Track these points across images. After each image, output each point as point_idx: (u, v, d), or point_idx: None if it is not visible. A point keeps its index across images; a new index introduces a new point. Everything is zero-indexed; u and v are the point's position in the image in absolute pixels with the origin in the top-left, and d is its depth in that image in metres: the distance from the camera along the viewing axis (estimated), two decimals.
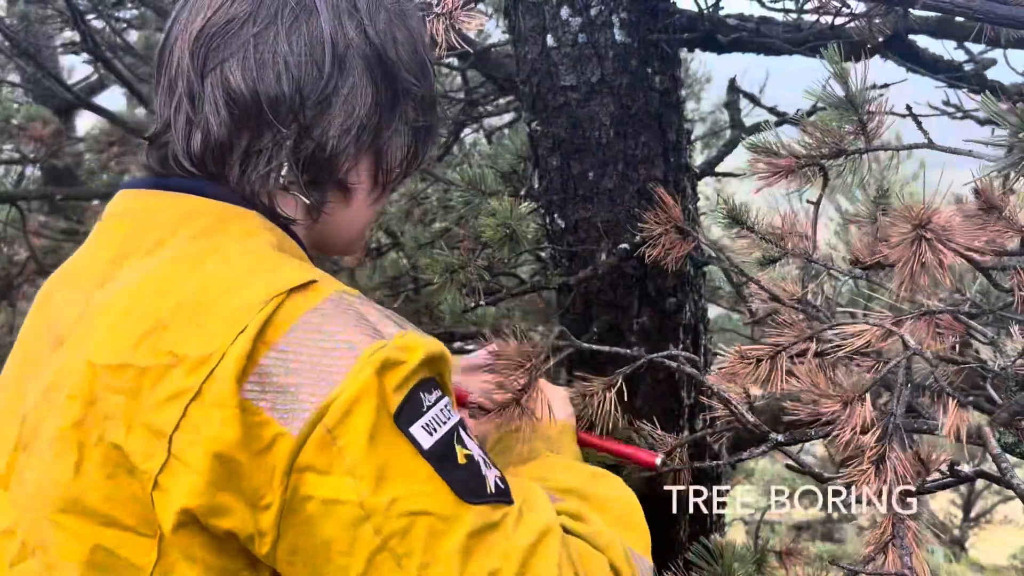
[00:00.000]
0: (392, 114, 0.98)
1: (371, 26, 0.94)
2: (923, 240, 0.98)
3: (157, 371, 0.79)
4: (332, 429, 0.76)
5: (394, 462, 0.78)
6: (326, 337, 0.80)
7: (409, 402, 0.80)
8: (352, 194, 0.99)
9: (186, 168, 0.91)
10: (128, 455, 0.78)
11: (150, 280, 0.84)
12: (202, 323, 0.80)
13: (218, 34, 0.90)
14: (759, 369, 1.22)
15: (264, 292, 0.80)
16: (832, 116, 1.23)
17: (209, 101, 0.90)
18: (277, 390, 0.77)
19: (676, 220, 1.63)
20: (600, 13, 1.63)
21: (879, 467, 1.06)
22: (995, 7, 1.01)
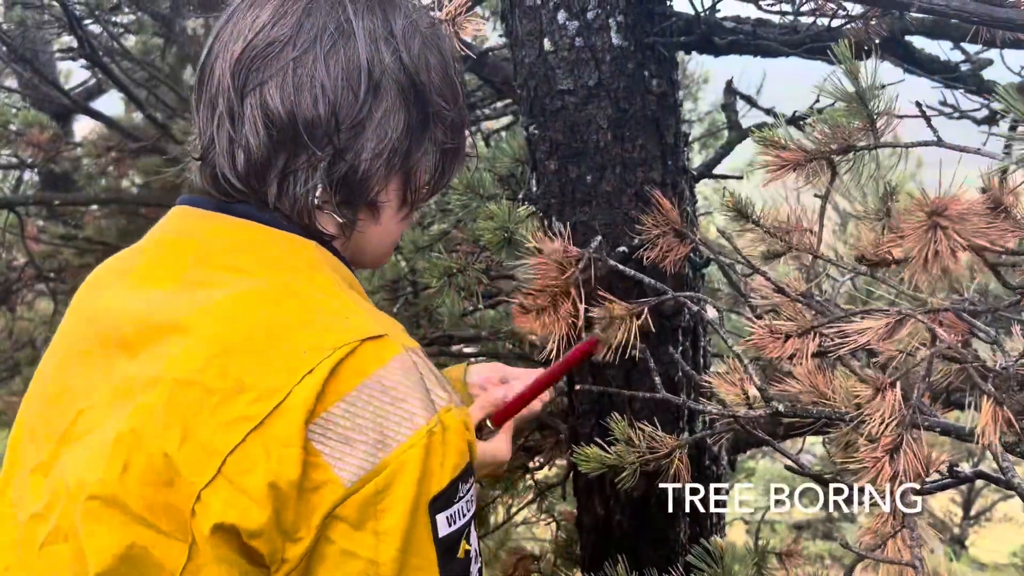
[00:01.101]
0: (422, 136, 1.01)
1: (406, 52, 0.98)
2: (938, 228, 0.98)
3: (222, 394, 0.83)
4: (381, 491, 0.82)
5: (414, 538, 0.84)
6: (392, 400, 0.84)
7: (447, 492, 0.86)
8: (381, 212, 1.02)
9: (234, 185, 0.95)
10: (176, 465, 0.82)
11: (228, 306, 0.88)
12: (270, 357, 0.84)
13: (259, 56, 0.93)
14: (787, 345, 1.22)
15: (336, 338, 0.85)
16: (841, 112, 1.23)
17: (249, 121, 0.93)
18: (339, 440, 0.82)
19: (674, 223, 1.63)
20: (597, 17, 1.63)
21: (893, 456, 1.07)
22: (992, 10, 1.01)
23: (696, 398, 1.80)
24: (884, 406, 1.10)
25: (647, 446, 1.51)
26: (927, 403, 1.23)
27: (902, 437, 1.09)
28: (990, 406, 1.04)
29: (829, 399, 1.35)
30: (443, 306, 2.30)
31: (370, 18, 0.97)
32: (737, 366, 1.43)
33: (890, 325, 1.20)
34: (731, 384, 1.46)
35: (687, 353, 1.84)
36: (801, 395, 1.38)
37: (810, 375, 1.37)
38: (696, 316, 1.83)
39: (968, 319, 1.18)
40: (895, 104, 1.24)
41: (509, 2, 1.71)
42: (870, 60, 1.22)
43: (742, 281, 1.66)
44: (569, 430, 1.95)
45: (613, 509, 1.87)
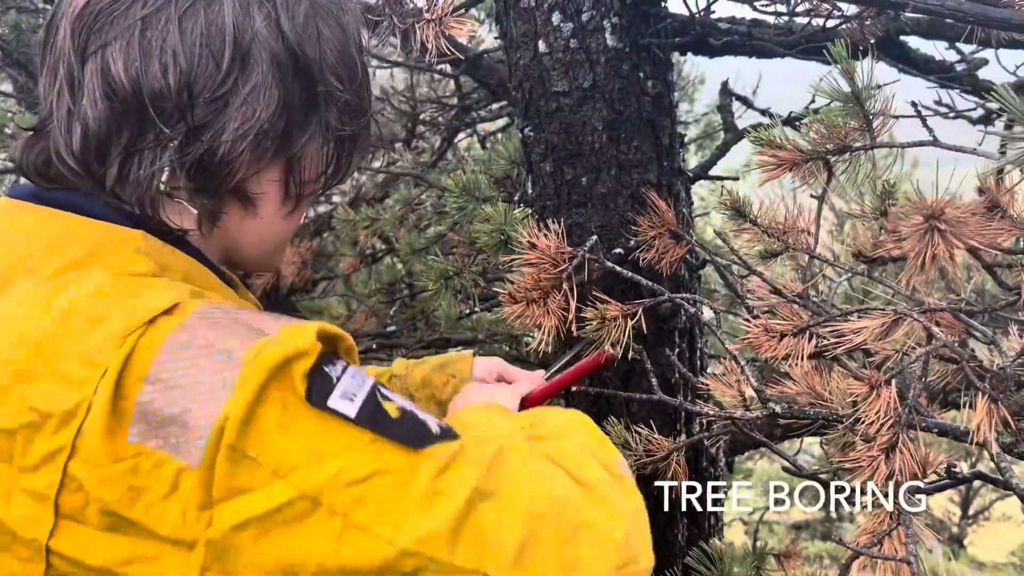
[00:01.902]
0: (307, 119, 0.87)
1: (287, 18, 0.83)
2: (935, 231, 0.98)
3: (25, 432, 0.70)
4: (235, 444, 0.68)
5: (324, 439, 0.70)
6: (199, 352, 0.71)
7: (316, 379, 0.72)
8: (257, 205, 0.88)
9: (69, 166, 0.81)
10: (9, 525, 0.71)
11: (3, 324, 0.75)
12: (61, 371, 0.71)
13: (103, 13, 0.79)
14: (782, 344, 1.22)
15: (122, 325, 0.72)
16: (837, 111, 1.23)
17: (88, 91, 0.79)
18: (163, 423, 0.69)
19: (670, 224, 1.63)
20: (591, 18, 1.63)
21: (888, 455, 1.07)
22: (987, 10, 1.01)
23: (693, 400, 1.80)
24: (879, 404, 1.10)
25: (644, 449, 1.51)
26: (924, 403, 1.23)
27: (898, 436, 1.09)
28: (985, 404, 1.04)
29: (826, 400, 1.35)
30: (440, 309, 2.30)
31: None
32: (734, 367, 1.43)
33: (886, 325, 1.20)
34: (727, 386, 1.46)
35: (684, 355, 1.84)
36: (798, 396, 1.38)
37: (807, 376, 1.37)
38: (692, 318, 1.82)
39: (965, 319, 1.17)
40: (891, 104, 1.24)
41: (504, 4, 1.70)
42: (866, 60, 1.22)
43: (738, 282, 1.66)
44: None
45: None
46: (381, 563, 0.70)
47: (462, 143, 3.71)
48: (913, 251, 1.00)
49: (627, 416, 1.72)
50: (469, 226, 2.05)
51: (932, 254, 0.98)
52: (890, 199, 1.40)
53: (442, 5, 1.51)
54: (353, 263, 3.11)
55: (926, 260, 0.99)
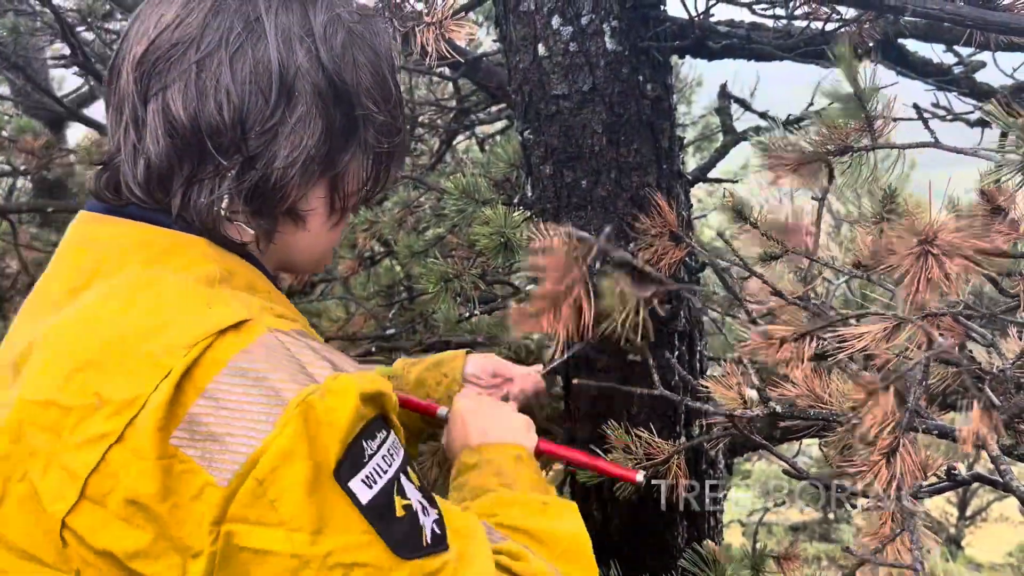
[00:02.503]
0: (348, 141, 0.95)
1: (325, 50, 0.91)
2: (929, 255, 0.98)
3: (80, 411, 0.77)
4: (262, 481, 0.75)
5: (332, 515, 0.77)
6: (254, 383, 0.77)
7: (350, 454, 0.78)
8: (306, 220, 0.96)
9: (138, 196, 0.89)
10: (40, 496, 0.77)
11: (83, 315, 0.83)
12: (128, 366, 0.78)
13: (161, 59, 0.88)
14: (782, 349, 1.23)
15: (191, 335, 0.78)
16: (839, 112, 1.23)
17: (151, 128, 0.87)
18: (207, 438, 0.76)
19: (670, 226, 1.64)
20: (591, 22, 1.63)
21: (889, 459, 1.07)
22: (985, 14, 1.01)
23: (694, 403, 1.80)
24: (879, 409, 1.10)
25: (644, 452, 1.51)
26: (924, 406, 1.23)
27: (899, 440, 1.10)
28: (981, 409, 1.05)
29: (826, 402, 1.36)
30: (439, 311, 2.30)
31: (284, 15, 0.90)
32: (734, 369, 1.43)
33: (887, 329, 1.20)
34: (727, 388, 1.46)
35: (683, 357, 1.85)
36: (798, 399, 1.39)
37: (807, 379, 1.37)
38: (692, 320, 1.83)
39: (965, 323, 1.18)
40: (893, 106, 1.24)
41: (503, 7, 1.71)
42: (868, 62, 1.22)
43: (737, 284, 1.67)
44: (566, 435, 1.95)
45: (611, 513, 1.87)
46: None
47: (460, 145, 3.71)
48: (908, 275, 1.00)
49: (627, 419, 1.72)
50: (468, 229, 2.05)
51: (927, 277, 0.98)
52: (891, 203, 1.40)
53: (442, 8, 1.51)
54: (352, 265, 3.11)
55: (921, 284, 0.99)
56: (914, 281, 0.99)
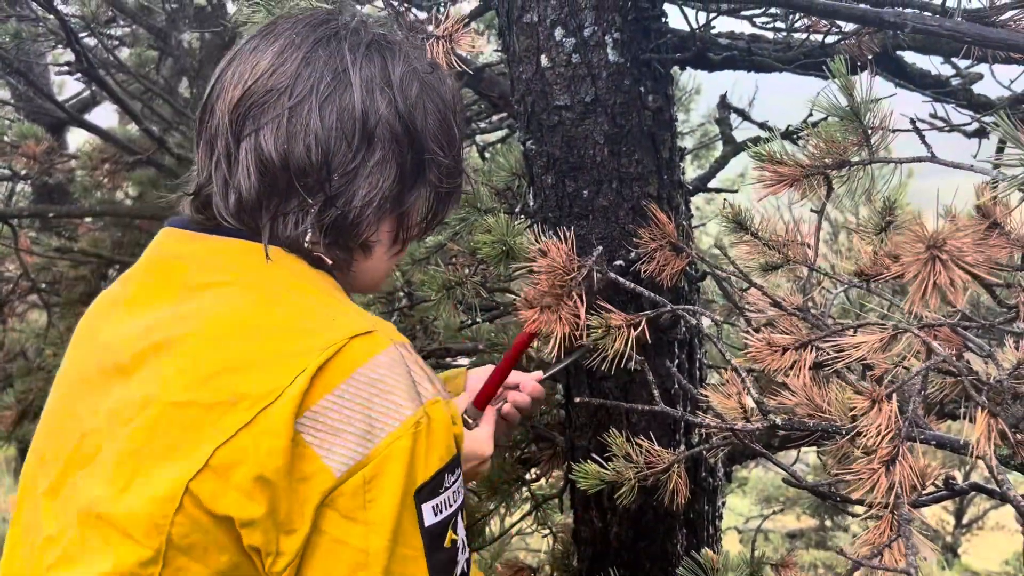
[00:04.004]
0: (416, 182, 1.04)
1: (402, 100, 1.00)
2: (937, 260, 1.00)
3: (220, 408, 0.85)
4: (369, 480, 0.85)
5: (402, 527, 0.87)
6: (378, 392, 0.87)
7: (433, 481, 0.89)
8: (373, 250, 1.05)
9: (228, 223, 0.97)
10: (174, 474, 0.85)
11: (217, 322, 0.90)
12: (264, 366, 0.86)
13: (256, 103, 0.96)
14: (784, 358, 1.24)
15: (325, 339, 0.87)
16: (836, 126, 1.25)
17: (243, 165, 0.96)
18: (328, 431, 0.85)
19: (671, 236, 1.65)
20: (593, 33, 1.65)
21: (889, 468, 1.08)
22: (984, 30, 1.03)
23: (693, 411, 1.82)
24: (880, 418, 1.12)
25: (645, 461, 1.52)
26: (922, 415, 1.24)
27: (898, 449, 1.11)
28: (984, 418, 1.06)
29: (825, 412, 1.37)
30: (440, 318, 2.31)
31: (368, 67, 0.99)
32: (734, 378, 1.44)
33: (885, 339, 1.22)
34: (727, 397, 1.47)
35: (683, 366, 1.86)
36: (797, 408, 1.40)
37: (806, 388, 1.38)
38: (692, 329, 1.84)
39: (963, 333, 1.19)
40: (889, 119, 1.26)
41: (507, 19, 1.72)
42: (864, 75, 1.24)
43: (737, 294, 1.68)
44: (566, 443, 1.96)
45: (610, 521, 1.88)
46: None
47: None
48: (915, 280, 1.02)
49: (627, 427, 1.74)
50: (469, 236, 2.06)
51: (934, 283, 1.00)
52: (890, 214, 1.42)
53: (450, 22, 1.53)
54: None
55: (928, 289, 1.01)
56: (922, 286, 1.00)
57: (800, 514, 7.25)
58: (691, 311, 1.57)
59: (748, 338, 1.30)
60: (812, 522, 7.26)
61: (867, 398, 1.10)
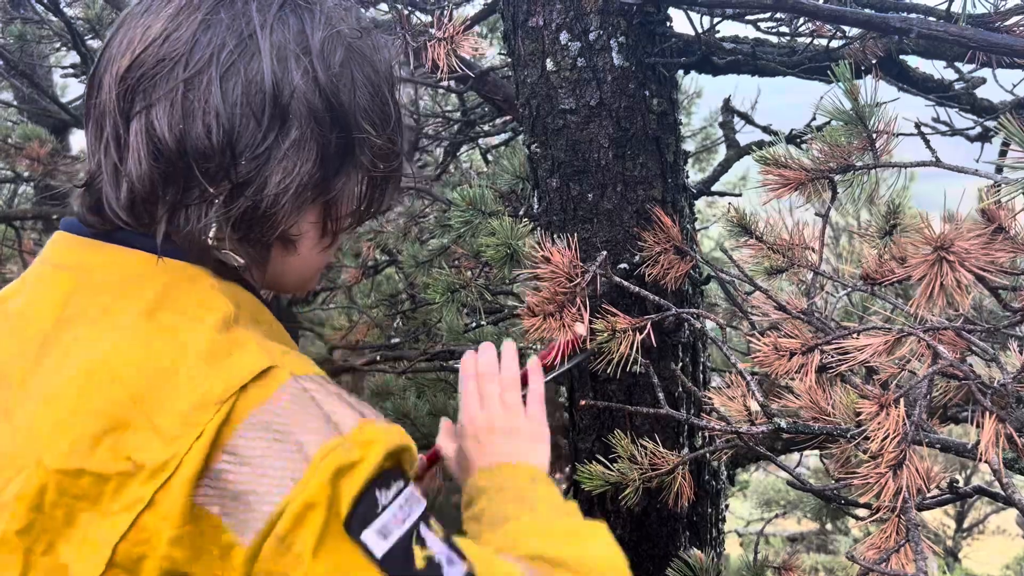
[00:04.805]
0: (343, 165, 0.88)
1: (323, 69, 0.84)
2: (944, 262, 1.01)
3: (118, 479, 0.72)
4: (284, 538, 0.71)
5: (349, 568, 0.72)
6: (276, 437, 0.74)
7: (361, 504, 0.74)
8: (297, 245, 0.90)
9: (120, 217, 0.82)
10: (69, 568, 0.72)
11: (100, 366, 0.76)
12: (159, 425, 0.73)
13: (147, 75, 0.81)
14: (791, 362, 1.24)
15: (220, 389, 0.74)
16: (841, 131, 1.26)
17: (133, 149, 0.81)
18: (230, 496, 0.72)
19: (675, 240, 1.66)
20: (599, 38, 1.66)
21: (896, 472, 1.08)
22: (989, 36, 1.03)
23: (697, 413, 1.82)
24: (888, 423, 1.12)
25: (649, 463, 1.53)
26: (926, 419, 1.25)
27: (905, 453, 1.11)
28: (992, 422, 1.06)
29: (829, 415, 1.37)
30: (443, 321, 2.32)
31: (280, 30, 0.84)
32: (740, 381, 1.45)
33: (889, 343, 1.22)
34: (731, 399, 1.48)
35: (687, 368, 1.86)
36: (801, 411, 1.40)
37: (810, 391, 1.39)
38: (696, 332, 1.85)
39: (967, 337, 1.20)
40: (894, 124, 1.26)
41: (512, 23, 1.73)
42: (868, 79, 1.24)
43: (742, 297, 1.69)
44: (570, 446, 1.97)
45: (614, 524, 1.88)
46: None
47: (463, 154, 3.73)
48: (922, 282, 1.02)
49: (631, 430, 1.74)
50: (472, 239, 2.07)
51: (941, 283, 1.00)
52: (894, 218, 1.43)
53: (452, 24, 1.54)
54: (355, 274, 3.13)
55: (935, 290, 1.01)
56: (929, 287, 1.01)
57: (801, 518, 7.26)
58: (696, 315, 1.57)
59: (754, 342, 1.31)
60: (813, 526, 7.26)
61: (875, 402, 1.11)
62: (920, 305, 1.03)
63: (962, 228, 1.06)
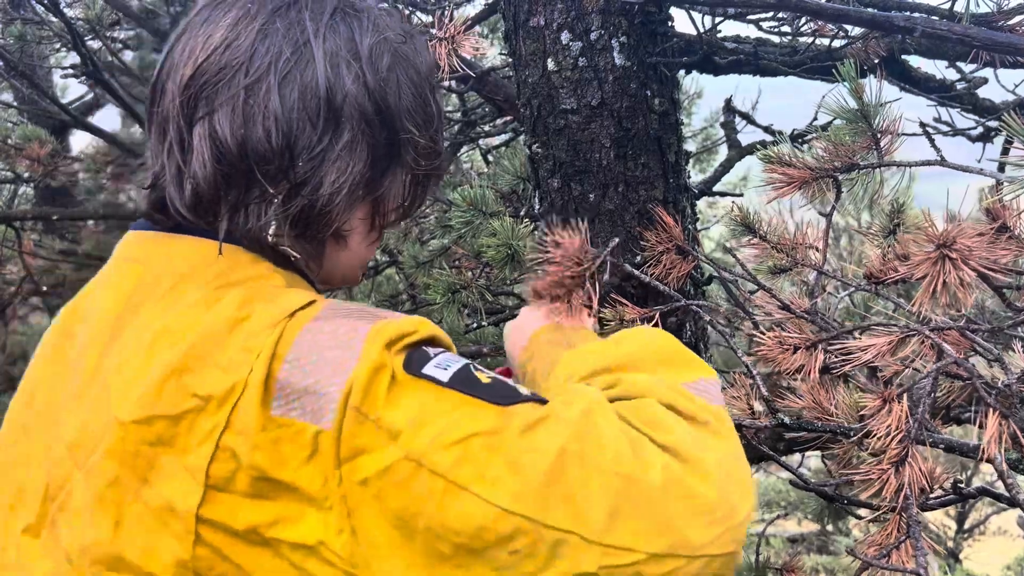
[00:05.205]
0: (390, 164, 0.95)
1: (372, 74, 0.91)
2: (947, 260, 1.00)
3: (189, 418, 0.78)
4: (359, 407, 0.75)
5: (421, 404, 0.76)
6: (330, 334, 0.79)
7: (416, 354, 0.80)
8: (347, 239, 0.97)
9: (184, 216, 0.88)
10: (171, 502, 0.77)
11: (163, 331, 0.82)
12: (218, 361, 0.79)
13: (209, 83, 0.87)
14: (795, 357, 1.24)
15: (269, 318, 0.80)
16: (845, 130, 1.25)
17: (197, 152, 0.86)
18: (300, 395, 0.77)
19: (677, 240, 1.65)
20: (600, 37, 1.65)
21: (898, 469, 1.08)
22: (993, 35, 1.03)
23: None
24: (891, 419, 1.12)
25: None
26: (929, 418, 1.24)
27: (907, 451, 1.11)
28: (995, 420, 1.06)
29: (832, 414, 1.37)
30: (445, 321, 2.31)
31: (333, 38, 0.90)
32: (742, 380, 1.44)
33: (893, 342, 1.22)
34: (735, 398, 1.47)
35: None
36: (804, 410, 1.40)
37: (812, 390, 1.39)
38: (697, 332, 1.84)
39: (971, 336, 1.20)
40: (899, 123, 1.26)
41: (513, 23, 1.73)
42: (872, 79, 1.24)
43: (744, 297, 1.68)
44: None
45: None
46: (480, 523, 0.73)
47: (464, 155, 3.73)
48: (925, 279, 1.02)
49: None
50: (473, 240, 2.06)
51: (944, 281, 1.00)
52: (898, 217, 1.42)
53: (452, 24, 1.53)
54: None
55: (938, 288, 1.01)
56: (931, 285, 1.00)
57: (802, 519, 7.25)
58: (705, 307, 1.57)
59: (759, 337, 1.30)
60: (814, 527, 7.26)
61: (878, 398, 1.10)
62: (923, 303, 1.03)
63: (965, 226, 1.06)
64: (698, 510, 0.76)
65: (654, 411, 0.84)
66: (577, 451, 0.76)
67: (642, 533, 0.74)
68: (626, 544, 0.74)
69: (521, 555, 0.74)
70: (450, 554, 0.75)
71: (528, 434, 0.76)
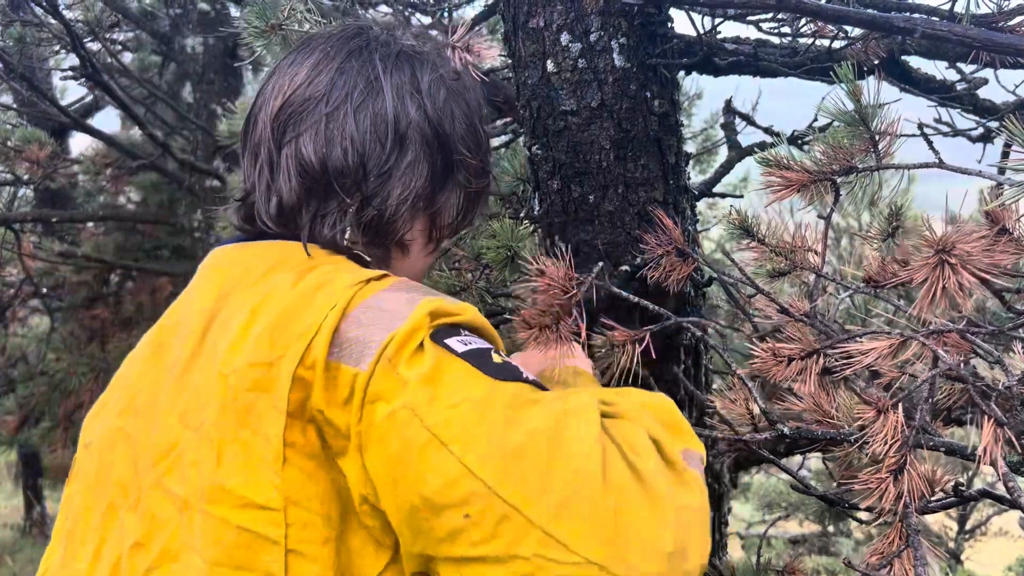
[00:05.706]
0: (446, 182, 1.11)
1: (431, 104, 1.07)
2: (946, 265, 1.00)
3: (280, 363, 0.88)
4: (392, 358, 0.85)
5: (433, 367, 0.86)
6: (391, 300, 0.91)
7: (446, 326, 0.90)
8: (409, 248, 1.13)
9: (269, 227, 1.04)
10: (266, 435, 0.87)
11: (261, 303, 0.94)
12: (304, 316, 0.90)
13: (296, 112, 1.04)
14: (789, 368, 1.24)
15: (349, 281, 0.93)
16: (843, 132, 1.25)
17: (284, 170, 1.03)
18: (352, 343, 0.87)
19: (677, 242, 1.64)
20: (600, 39, 1.65)
21: (897, 477, 1.07)
22: (993, 35, 1.02)
23: (700, 416, 1.81)
24: (887, 427, 1.11)
25: None
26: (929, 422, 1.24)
27: (906, 458, 1.10)
28: (991, 426, 1.05)
29: (832, 417, 1.36)
30: None
31: (398, 75, 1.07)
32: (741, 384, 1.44)
33: (894, 346, 1.21)
34: (734, 403, 1.47)
35: (689, 371, 1.85)
36: (804, 414, 1.39)
37: (813, 394, 1.38)
38: (697, 334, 1.84)
39: (971, 339, 1.19)
40: (897, 125, 1.25)
41: (512, 24, 1.72)
42: (871, 80, 1.23)
43: (744, 300, 1.68)
44: None
45: None
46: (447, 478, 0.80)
47: None
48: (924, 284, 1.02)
49: None
50: (473, 241, 2.06)
51: (943, 286, 1.00)
52: (897, 220, 1.41)
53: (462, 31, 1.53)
54: None
55: (937, 293, 1.00)
56: (930, 290, 1.00)
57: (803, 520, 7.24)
58: (696, 323, 1.56)
59: (753, 348, 1.30)
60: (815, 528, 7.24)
61: (873, 408, 1.10)
62: (923, 309, 1.02)
63: (964, 230, 1.05)
64: (647, 538, 0.79)
65: (638, 436, 0.88)
66: (551, 437, 0.82)
67: (584, 535, 0.77)
68: (565, 539, 0.77)
69: (471, 521, 0.79)
70: (419, 505, 0.81)
71: (513, 409, 0.84)
